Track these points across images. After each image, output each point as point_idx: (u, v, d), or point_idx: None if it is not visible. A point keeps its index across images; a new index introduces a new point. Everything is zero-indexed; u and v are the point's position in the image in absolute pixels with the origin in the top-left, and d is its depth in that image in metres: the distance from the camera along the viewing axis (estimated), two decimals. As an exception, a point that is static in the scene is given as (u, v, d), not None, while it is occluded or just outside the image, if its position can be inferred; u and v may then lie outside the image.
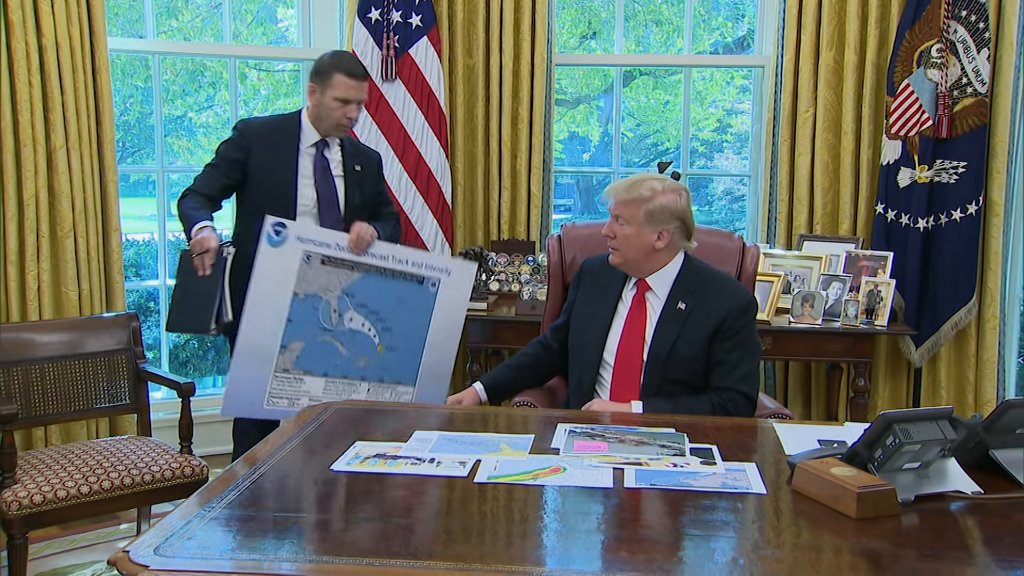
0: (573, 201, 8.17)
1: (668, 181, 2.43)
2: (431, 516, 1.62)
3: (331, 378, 2.89)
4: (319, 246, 2.84)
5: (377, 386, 2.96)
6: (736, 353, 2.37)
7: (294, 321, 2.81)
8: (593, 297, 2.56)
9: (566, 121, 6.94)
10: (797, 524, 1.59)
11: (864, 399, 3.76)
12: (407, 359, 2.99)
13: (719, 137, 7.31)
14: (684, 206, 2.42)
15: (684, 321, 2.39)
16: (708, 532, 1.54)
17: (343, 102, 2.94)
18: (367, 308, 2.92)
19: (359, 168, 3.11)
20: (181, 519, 1.54)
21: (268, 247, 2.78)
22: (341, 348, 2.89)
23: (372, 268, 2.93)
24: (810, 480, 1.69)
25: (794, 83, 4.12)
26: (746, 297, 2.43)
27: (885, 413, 1.67)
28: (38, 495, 2.52)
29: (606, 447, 1.95)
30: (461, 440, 2.01)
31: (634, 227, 2.39)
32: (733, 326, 2.37)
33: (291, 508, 1.67)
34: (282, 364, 2.82)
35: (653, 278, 2.46)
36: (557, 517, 1.63)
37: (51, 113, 3.51)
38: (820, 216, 4.14)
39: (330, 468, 1.82)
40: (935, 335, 4.00)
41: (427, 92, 4.02)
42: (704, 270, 2.48)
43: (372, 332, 2.94)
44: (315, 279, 2.84)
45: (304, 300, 2.83)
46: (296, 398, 2.85)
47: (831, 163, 4.12)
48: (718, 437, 2.05)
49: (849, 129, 4.07)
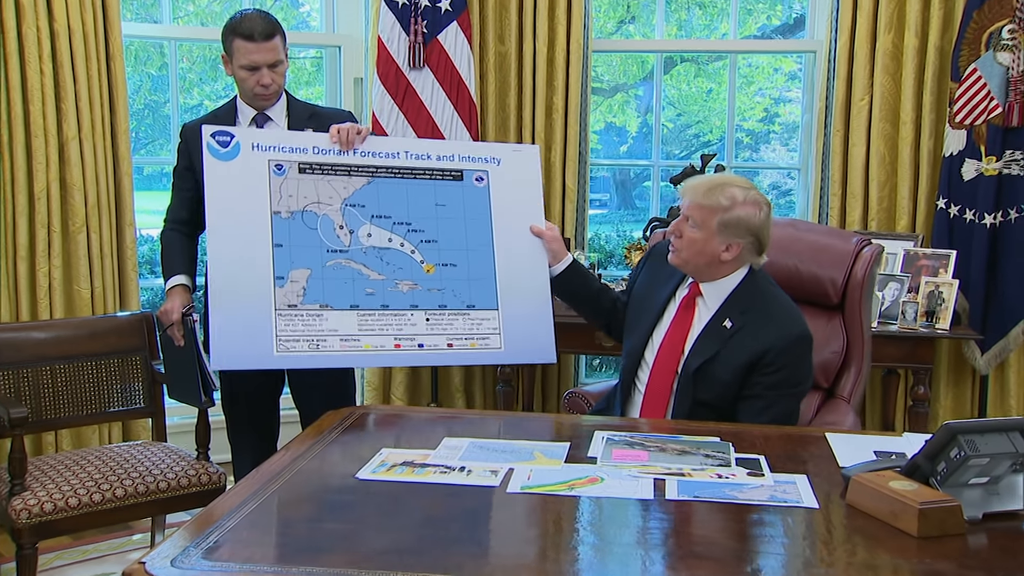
0: (609, 196, 8.15)
1: (752, 191, 2.35)
2: (461, 528, 1.63)
3: (365, 311, 2.43)
4: (289, 152, 2.48)
5: (440, 316, 2.47)
6: (774, 392, 2.31)
7: (284, 246, 2.41)
8: (652, 285, 2.55)
9: (603, 111, 6.92)
10: (852, 541, 1.58)
11: (924, 408, 3.72)
12: (475, 275, 2.52)
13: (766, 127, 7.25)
14: (762, 221, 2.35)
15: (726, 341, 2.33)
16: (755, 548, 1.54)
17: (250, 69, 2.71)
18: (391, 219, 2.51)
19: (311, 130, 2.75)
20: (200, 530, 1.55)
21: (215, 160, 2.43)
22: (368, 272, 2.46)
23: (379, 170, 2.52)
24: (866, 494, 1.67)
25: (849, 69, 4.08)
26: (798, 331, 2.33)
27: (949, 423, 1.65)
28: (48, 503, 2.56)
29: (646, 456, 1.95)
30: (493, 448, 2.01)
31: (703, 233, 2.34)
32: (776, 361, 2.29)
33: (315, 518, 1.68)
34: (285, 299, 2.39)
35: (708, 286, 2.41)
36: (594, 530, 1.64)
37: (63, 102, 3.57)
38: (876, 212, 4.09)
39: (355, 476, 1.84)
40: (1003, 340, 3.94)
41: (457, 80, 4.03)
42: (764, 291, 2.40)
43: (408, 248, 2.50)
44: (299, 192, 2.45)
45: (291, 219, 2.43)
46: (320, 339, 2.38)
47: (888, 155, 4.08)
48: (766, 447, 2.04)
49: (908, 118, 4.02)
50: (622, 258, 4.37)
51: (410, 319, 2.44)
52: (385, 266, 2.47)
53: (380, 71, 4.00)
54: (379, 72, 4.01)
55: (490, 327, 2.51)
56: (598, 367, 5.38)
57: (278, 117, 2.82)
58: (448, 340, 2.47)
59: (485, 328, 2.51)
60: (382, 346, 2.42)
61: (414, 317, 2.45)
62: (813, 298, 2.75)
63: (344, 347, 2.39)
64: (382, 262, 2.47)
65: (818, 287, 2.76)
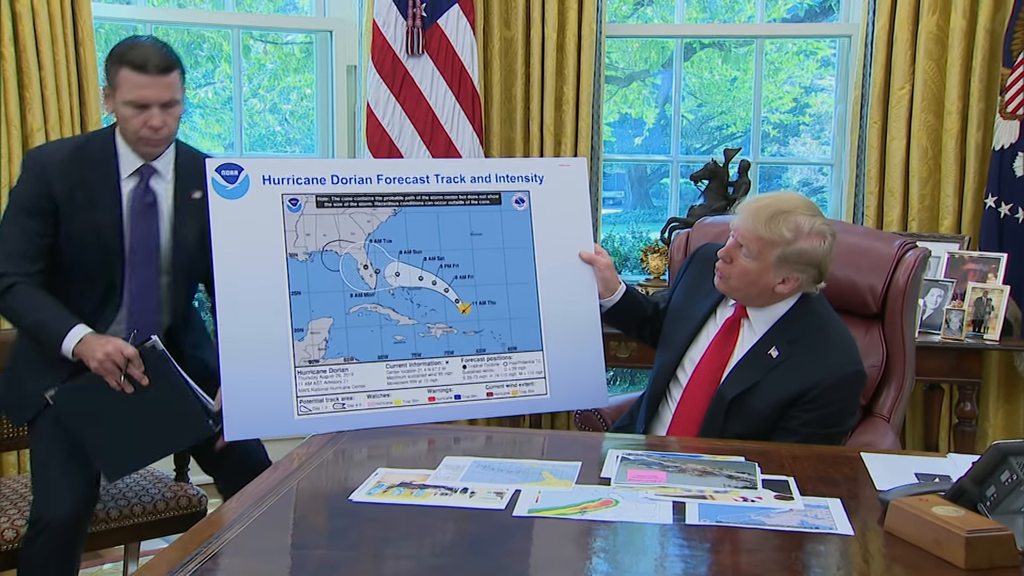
0: (624, 194, 8.15)
1: (819, 220, 2.29)
2: (463, 555, 1.64)
3: (395, 362, 2.37)
4: (305, 184, 2.38)
5: (478, 362, 2.43)
6: (809, 428, 2.29)
7: (303, 293, 2.33)
8: (692, 295, 2.54)
9: (617, 101, 6.94)
10: (891, 572, 1.58)
11: (971, 426, 3.72)
12: (517, 313, 2.47)
13: (795, 119, 7.25)
14: (826, 252, 2.29)
15: (769, 371, 2.31)
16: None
17: (137, 107, 2.48)
18: (421, 254, 2.42)
19: (199, 195, 2.58)
20: (179, 557, 1.55)
21: (221, 199, 2.32)
22: (397, 317, 2.39)
23: (407, 198, 2.44)
24: (907, 521, 1.67)
25: (887, 54, 4.08)
26: (850, 369, 2.31)
27: (999, 443, 1.65)
28: (10, 530, 2.54)
29: (664, 477, 1.95)
30: (498, 467, 2.02)
31: (758, 264, 2.29)
32: (819, 398, 2.27)
33: (304, 544, 1.69)
34: (306, 354, 2.31)
35: (756, 311, 2.39)
36: (608, 558, 1.64)
37: (27, 91, 3.59)
38: (917, 211, 4.09)
39: (349, 499, 1.84)
40: (1058, 352, 3.93)
41: (458, 69, 4.05)
42: (817, 319, 2.36)
43: (441, 286, 2.43)
44: (317, 230, 2.37)
45: (309, 262, 2.35)
46: (345, 397, 2.33)
47: (931, 148, 4.08)
48: (795, 468, 2.04)
49: (954, 108, 4.03)
50: (638, 261, 4.38)
51: (445, 367, 2.40)
52: (416, 309, 2.41)
53: (375, 58, 4.02)
54: (374, 59, 4.02)
55: (534, 371, 2.47)
56: (612, 380, 5.39)
57: (165, 170, 2.62)
58: (488, 388, 2.44)
59: (528, 372, 2.46)
60: (415, 400, 2.38)
61: (449, 365, 2.41)
62: (850, 307, 2.75)
63: (372, 404, 2.35)
64: (412, 304, 2.41)
65: (856, 295, 2.76)
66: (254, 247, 2.32)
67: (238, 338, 2.27)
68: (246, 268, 2.31)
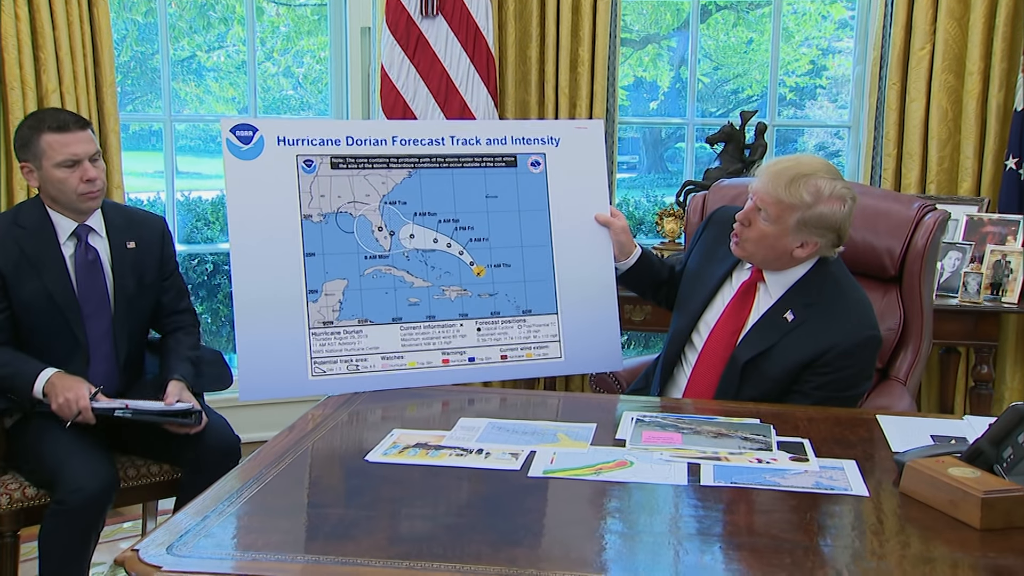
0: (639, 158, 8.11)
1: (839, 183, 2.26)
2: (479, 515, 1.65)
3: (409, 324, 2.38)
4: (320, 145, 2.38)
5: (492, 324, 2.44)
6: (822, 392, 2.28)
7: (317, 254, 2.34)
8: (708, 258, 2.52)
9: (632, 64, 6.89)
10: (905, 532, 1.58)
11: (988, 389, 3.72)
12: (532, 276, 2.47)
13: (812, 81, 7.19)
14: (845, 216, 2.27)
15: (784, 335, 2.30)
16: (799, 539, 1.54)
17: (70, 165, 2.59)
18: (436, 216, 2.43)
19: (133, 244, 2.75)
20: (197, 515, 1.57)
21: (236, 160, 2.33)
22: (411, 279, 2.40)
23: (422, 160, 2.43)
24: (922, 482, 1.67)
25: (908, 14, 4.03)
26: (866, 333, 2.29)
27: (1017, 404, 1.65)
28: (31, 487, 2.59)
29: (679, 439, 1.95)
30: (513, 429, 2.02)
31: (776, 228, 2.27)
32: (834, 362, 2.27)
33: (321, 503, 1.71)
34: (320, 316, 2.32)
35: (773, 275, 2.38)
36: (623, 518, 1.65)
37: (41, 51, 3.58)
38: (935, 173, 4.06)
39: (364, 459, 1.85)
40: (1076, 315, 3.92)
41: (473, 30, 4.02)
42: (833, 282, 2.35)
43: (456, 248, 2.44)
44: (332, 191, 2.37)
45: (323, 223, 2.35)
46: (359, 358, 2.35)
47: (951, 110, 4.04)
48: (810, 429, 2.04)
49: (975, 68, 3.98)
50: (653, 225, 4.36)
51: (459, 330, 2.41)
52: (430, 271, 2.41)
53: (389, 20, 3.99)
54: (388, 21, 3.99)
55: (548, 334, 2.47)
56: (626, 343, 5.39)
57: (98, 226, 2.73)
58: (502, 351, 2.45)
59: (543, 335, 2.47)
60: (428, 363, 2.39)
61: (463, 327, 2.41)
62: (867, 270, 2.73)
63: (386, 366, 2.36)
64: (427, 266, 2.41)
65: (873, 257, 2.75)
66: (268, 208, 2.32)
67: (252, 299, 2.29)
68: (260, 229, 2.31)
